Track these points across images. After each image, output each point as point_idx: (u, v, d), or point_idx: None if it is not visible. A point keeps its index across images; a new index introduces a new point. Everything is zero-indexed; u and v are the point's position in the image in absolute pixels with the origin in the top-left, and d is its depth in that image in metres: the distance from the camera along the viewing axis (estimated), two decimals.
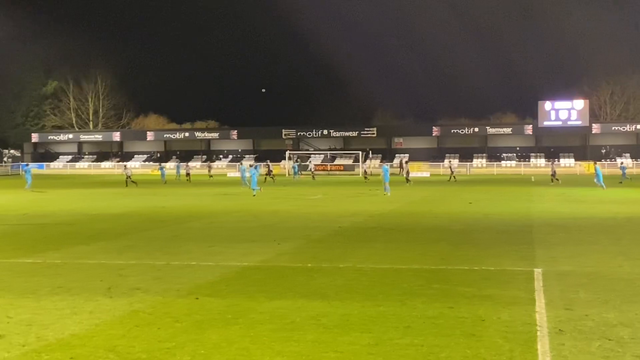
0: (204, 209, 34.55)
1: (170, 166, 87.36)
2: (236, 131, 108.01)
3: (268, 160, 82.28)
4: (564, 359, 9.31)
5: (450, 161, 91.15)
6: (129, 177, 61.73)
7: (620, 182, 60.52)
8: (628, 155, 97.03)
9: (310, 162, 72.23)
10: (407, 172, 64.84)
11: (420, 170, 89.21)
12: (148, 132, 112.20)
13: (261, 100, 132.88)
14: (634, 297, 13.11)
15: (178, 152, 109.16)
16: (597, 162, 69.53)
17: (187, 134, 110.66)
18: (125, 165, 75.02)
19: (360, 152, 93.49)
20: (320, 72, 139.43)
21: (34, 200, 41.92)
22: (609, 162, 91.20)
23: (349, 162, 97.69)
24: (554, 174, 62.59)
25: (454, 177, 69.37)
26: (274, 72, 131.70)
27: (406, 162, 73.80)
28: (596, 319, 11.41)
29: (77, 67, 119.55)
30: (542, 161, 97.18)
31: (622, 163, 78.82)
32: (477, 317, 11.52)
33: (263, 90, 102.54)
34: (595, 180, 52.38)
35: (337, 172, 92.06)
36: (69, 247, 20.48)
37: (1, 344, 10.01)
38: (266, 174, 68.46)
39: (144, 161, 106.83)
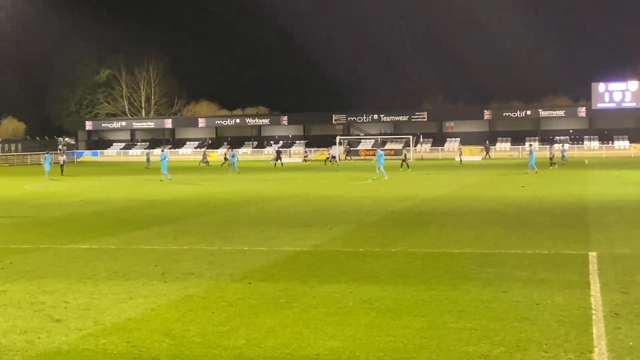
0: (256, 195, 34.74)
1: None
2: (286, 117, 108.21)
3: (276, 146, 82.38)
4: (620, 342, 9.18)
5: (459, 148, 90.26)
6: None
7: None
8: None
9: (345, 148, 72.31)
10: (405, 157, 63.16)
11: (472, 154, 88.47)
12: (199, 119, 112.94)
13: (312, 86, 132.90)
14: None
15: (229, 139, 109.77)
16: None
17: (238, 120, 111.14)
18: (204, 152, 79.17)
19: (410, 137, 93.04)
20: (371, 56, 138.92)
21: (90, 187, 42.59)
22: None
23: (399, 146, 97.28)
24: (552, 158, 60.59)
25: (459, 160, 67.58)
26: (325, 56, 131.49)
27: (404, 147, 72.89)
28: None
29: (129, 55, 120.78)
30: (596, 144, 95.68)
31: None
32: (532, 301, 11.41)
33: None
34: None
35: (388, 157, 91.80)
36: (125, 233, 20.77)
37: (59, 329, 10.21)
38: (276, 159, 69.11)
39: (196, 148, 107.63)
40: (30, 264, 15.66)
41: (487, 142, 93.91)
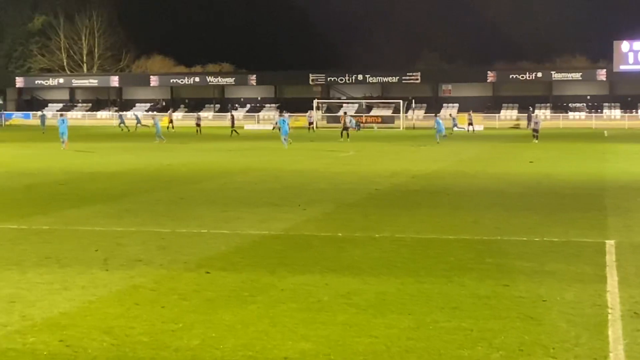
0: (217, 167, 34.68)
1: (129, 115, 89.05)
2: (255, 76, 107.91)
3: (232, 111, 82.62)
4: None
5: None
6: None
7: None
8: None
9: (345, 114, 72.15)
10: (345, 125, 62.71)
11: (475, 123, 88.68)
12: (152, 77, 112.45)
13: (285, 40, 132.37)
14: None
15: (187, 101, 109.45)
16: None
17: (197, 79, 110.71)
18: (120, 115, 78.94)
19: (401, 101, 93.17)
20: (354, 5, 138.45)
21: (18, 156, 42.28)
22: None
23: (388, 113, 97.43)
24: (536, 131, 58.11)
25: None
26: (302, 3, 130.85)
27: (345, 113, 72.85)
28: None
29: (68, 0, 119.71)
30: (617, 112, 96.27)
31: None
32: (538, 297, 11.47)
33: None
34: None
35: (374, 125, 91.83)
36: (59, 211, 20.64)
37: None
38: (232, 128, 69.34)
39: (147, 110, 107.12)
40: None
41: (531, 109, 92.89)
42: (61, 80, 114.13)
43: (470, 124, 78.48)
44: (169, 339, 9.48)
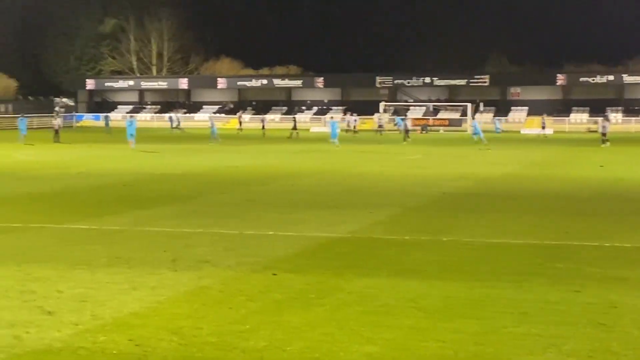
0: (283, 170, 34.80)
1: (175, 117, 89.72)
2: (322, 79, 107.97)
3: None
4: None
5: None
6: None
7: None
8: None
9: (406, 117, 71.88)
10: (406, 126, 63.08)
11: (541, 127, 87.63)
12: (219, 79, 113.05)
13: (352, 42, 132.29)
14: None
15: (254, 103, 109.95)
16: None
17: (264, 82, 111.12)
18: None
19: (469, 104, 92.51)
20: (422, 7, 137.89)
21: (90, 157, 42.93)
22: None
23: (456, 116, 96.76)
24: (604, 135, 55.62)
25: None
26: (369, 6, 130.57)
27: (350, 115, 72.51)
28: None
29: (139, 3, 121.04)
30: None
31: None
32: (608, 303, 11.31)
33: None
34: None
35: (441, 128, 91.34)
36: (129, 212, 20.91)
37: (51, 322, 10.31)
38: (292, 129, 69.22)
39: (214, 113, 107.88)
40: (19, 246, 15.83)
41: (608, 112, 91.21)
42: (131, 83, 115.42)
43: (544, 127, 77.55)
44: (236, 340, 9.55)
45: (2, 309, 10.96)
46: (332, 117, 63.83)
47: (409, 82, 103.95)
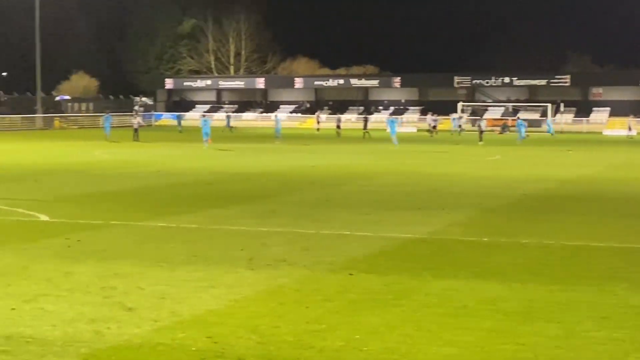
0: (360, 170, 34.82)
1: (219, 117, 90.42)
2: (399, 78, 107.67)
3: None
4: None
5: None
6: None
7: None
8: None
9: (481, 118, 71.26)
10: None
11: (624, 128, 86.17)
12: (296, 79, 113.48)
13: (430, 42, 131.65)
14: None
15: (330, 102, 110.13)
16: None
17: (341, 81, 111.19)
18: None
19: (549, 105, 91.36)
20: (502, 6, 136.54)
21: (168, 156, 43.47)
22: None
23: (535, 116, 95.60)
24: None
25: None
26: (446, 5, 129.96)
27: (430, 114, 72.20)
28: None
29: (217, 3, 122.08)
30: None
31: None
32: None
33: None
34: None
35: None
36: (206, 210, 21.13)
37: (131, 318, 10.47)
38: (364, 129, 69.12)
39: (291, 112, 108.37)
40: (99, 243, 16.12)
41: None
42: (208, 82, 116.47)
43: (630, 129, 76.34)
44: (313, 340, 9.58)
45: (83, 304, 11.16)
46: (390, 116, 64.35)
47: (487, 82, 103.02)
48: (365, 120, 73.85)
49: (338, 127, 73.28)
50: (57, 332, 9.82)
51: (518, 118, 70.84)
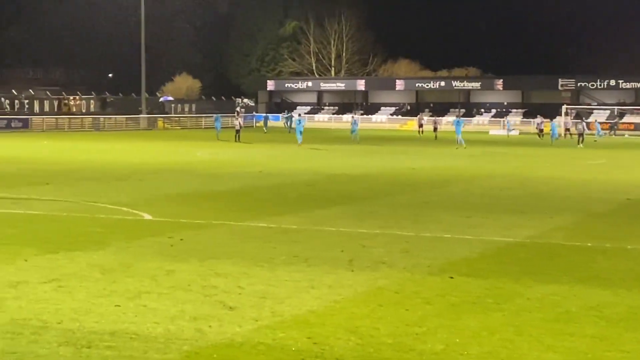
0: (460, 172, 34.64)
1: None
2: (501, 81, 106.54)
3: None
4: None
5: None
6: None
7: None
8: None
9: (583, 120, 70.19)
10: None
11: None
12: (397, 81, 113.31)
13: (533, 43, 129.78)
14: None
15: (431, 105, 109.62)
16: None
17: (442, 83, 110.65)
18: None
19: None
20: (607, 7, 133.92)
21: (269, 157, 43.91)
22: None
23: None
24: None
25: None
26: (550, 7, 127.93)
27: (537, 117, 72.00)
28: None
29: (319, 5, 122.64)
30: None
31: None
32: None
33: None
34: None
35: (626, 132, 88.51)
36: (307, 211, 21.27)
37: (232, 317, 10.60)
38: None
39: (392, 114, 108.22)
40: (201, 242, 16.37)
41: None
42: (309, 84, 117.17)
43: None
44: (412, 342, 9.56)
45: (185, 302, 11.35)
46: (458, 116, 64.65)
47: (592, 85, 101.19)
48: (435, 123, 73.30)
49: (435, 129, 72.66)
50: (160, 329, 10.00)
51: (595, 120, 71.02)
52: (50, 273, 13.09)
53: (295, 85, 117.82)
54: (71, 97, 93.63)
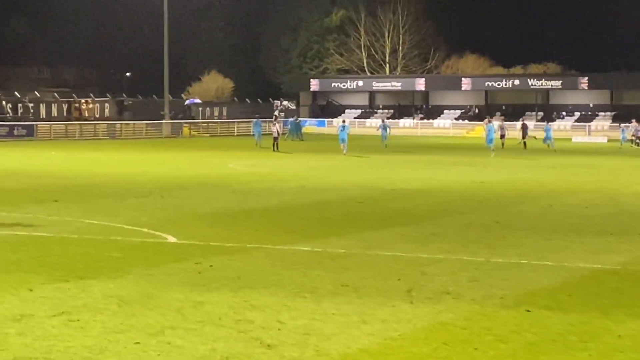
0: (538, 187, 34.45)
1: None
2: (586, 79, 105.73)
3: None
4: None
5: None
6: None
7: None
8: None
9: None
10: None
11: None
12: (463, 79, 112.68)
13: (624, 37, 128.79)
14: None
15: (504, 107, 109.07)
16: None
17: (517, 82, 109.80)
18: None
19: None
20: None
21: (313, 169, 43.97)
22: None
23: None
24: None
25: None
26: None
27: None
28: None
29: None
30: None
31: None
32: None
33: None
34: None
35: None
36: (357, 233, 21.26)
37: (270, 357, 10.62)
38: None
39: (457, 118, 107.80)
40: (234, 269, 16.42)
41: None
42: (360, 83, 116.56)
43: None
44: None
45: (216, 339, 11.38)
46: (489, 121, 65.43)
47: None
48: (524, 128, 72.77)
49: (502, 136, 72.26)
50: None
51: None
52: (60, 305, 13.20)
53: (344, 85, 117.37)
54: (83, 100, 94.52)
